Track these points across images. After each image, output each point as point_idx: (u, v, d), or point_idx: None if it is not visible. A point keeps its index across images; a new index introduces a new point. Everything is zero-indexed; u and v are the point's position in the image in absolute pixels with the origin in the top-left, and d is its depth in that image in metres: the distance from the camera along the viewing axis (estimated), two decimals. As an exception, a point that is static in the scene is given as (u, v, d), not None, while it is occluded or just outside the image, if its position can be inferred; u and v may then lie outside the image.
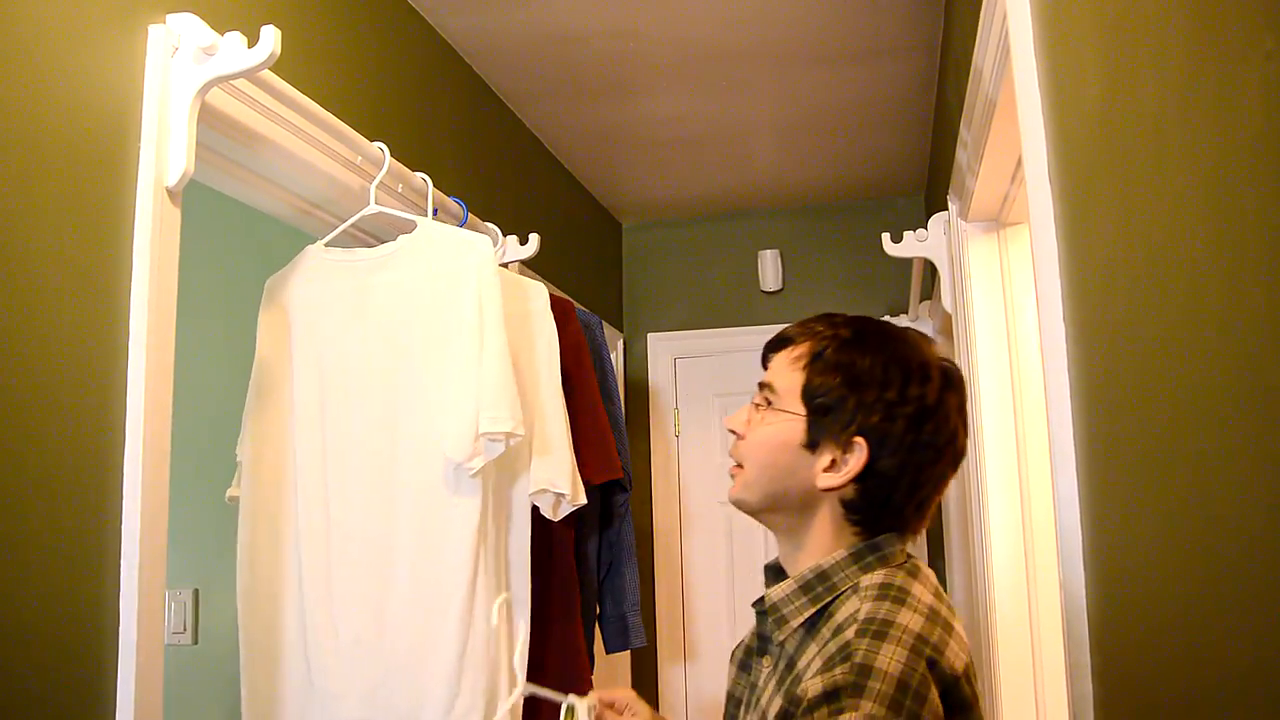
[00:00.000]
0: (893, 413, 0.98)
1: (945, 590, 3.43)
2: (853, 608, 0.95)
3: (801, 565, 1.03)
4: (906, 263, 2.81)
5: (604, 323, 2.45)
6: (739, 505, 1.08)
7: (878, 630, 0.90)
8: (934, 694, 0.87)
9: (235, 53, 1.29)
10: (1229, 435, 0.60)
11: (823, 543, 1.02)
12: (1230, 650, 0.62)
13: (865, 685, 0.85)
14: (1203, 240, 0.63)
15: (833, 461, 1.00)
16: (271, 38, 1.29)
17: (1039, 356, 1.14)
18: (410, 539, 1.57)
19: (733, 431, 1.09)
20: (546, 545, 1.82)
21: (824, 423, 1.00)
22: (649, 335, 3.83)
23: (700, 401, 3.76)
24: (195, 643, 2.30)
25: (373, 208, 1.73)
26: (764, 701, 0.99)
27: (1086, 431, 1.00)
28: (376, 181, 1.74)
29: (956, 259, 2.12)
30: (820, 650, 0.93)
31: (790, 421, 1.02)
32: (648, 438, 3.73)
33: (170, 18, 1.31)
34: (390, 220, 1.79)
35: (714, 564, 3.64)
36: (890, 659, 0.87)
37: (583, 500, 1.72)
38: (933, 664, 0.88)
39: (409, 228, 1.73)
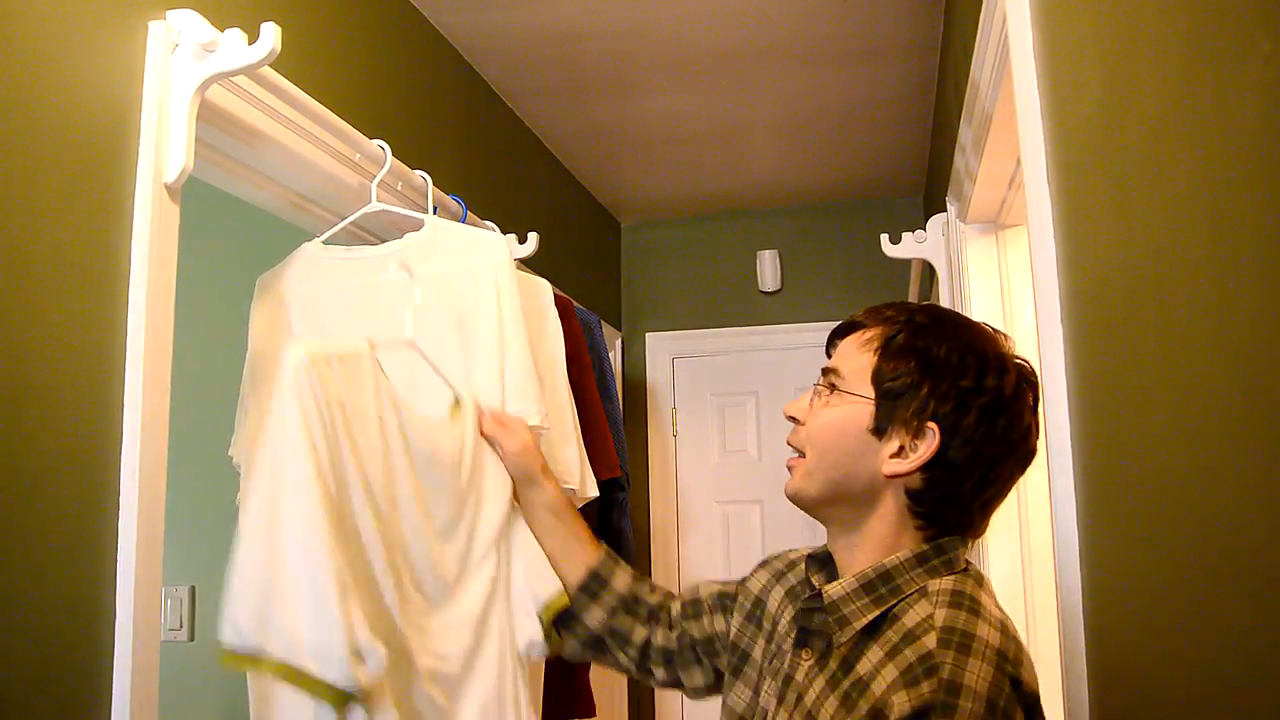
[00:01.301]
0: (967, 402, 0.94)
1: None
2: (924, 612, 0.90)
3: (860, 560, 0.98)
4: (905, 264, 2.82)
5: (602, 322, 2.45)
6: (797, 498, 1.03)
7: (961, 643, 0.86)
8: (1020, 716, 0.84)
9: (235, 49, 1.29)
10: (1226, 438, 0.60)
11: (883, 536, 0.97)
12: (1227, 656, 0.62)
13: (956, 705, 0.81)
14: (1200, 243, 0.63)
15: (901, 448, 0.95)
16: (271, 34, 1.28)
17: (1036, 358, 1.13)
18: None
19: (792, 419, 1.04)
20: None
21: (894, 407, 0.95)
22: (647, 335, 3.83)
23: (698, 401, 3.77)
24: (191, 640, 2.30)
25: (375, 205, 1.73)
26: (809, 701, 0.94)
27: (1083, 433, 1.00)
28: (378, 179, 1.74)
29: (955, 260, 2.12)
30: (890, 656, 0.89)
31: (858, 404, 0.97)
32: (645, 437, 3.74)
33: (170, 14, 1.31)
34: (391, 218, 1.78)
35: (711, 563, 3.64)
36: (978, 676, 0.83)
37: (592, 493, 1.71)
38: (1016, 684, 0.85)
39: (409, 225, 1.72)
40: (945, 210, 2.22)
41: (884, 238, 2.41)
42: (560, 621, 1.33)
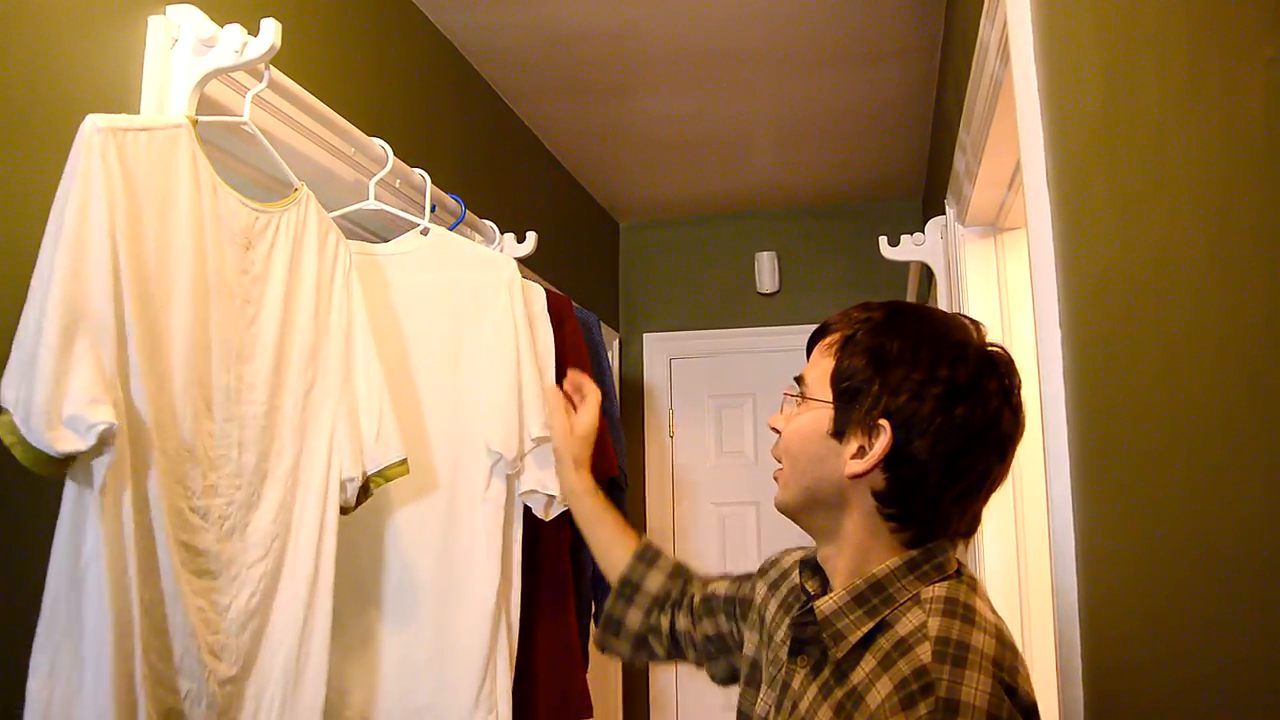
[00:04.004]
0: (920, 392, 0.91)
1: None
2: (917, 620, 0.88)
3: (842, 567, 0.97)
4: (903, 266, 2.82)
5: (600, 322, 2.45)
6: (781, 509, 1.02)
7: (956, 655, 0.83)
8: None
9: (235, 45, 1.29)
10: (1224, 441, 0.60)
11: (859, 540, 0.95)
12: (1222, 657, 0.62)
13: None
14: (1201, 247, 0.63)
15: (860, 448, 0.93)
16: (271, 30, 1.28)
17: (1034, 361, 1.14)
18: (438, 530, 1.58)
19: (775, 430, 1.03)
20: (541, 543, 1.82)
21: (850, 408, 0.94)
22: (645, 335, 3.83)
23: (695, 402, 3.77)
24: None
25: (372, 203, 1.73)
26: (803, 708, 0.93)
27: (1081, 436, 1.00)
28: (377, 178, 1.73)
29: (953, 263, 2.13)
30: (884, 665, 0.87)
31: (819, 409, 0.97)
32: (642, 437, 3.74)
33: (170, 9, 1.31)
34: (390, 218, 1.78)
35: (708, 564, 3.61)
36: (976, 690, 0.80)
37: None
38: (1011, 692, 0.82)
39: (405, 225, 1.73)
40: (944, 213, 2.22)
41: (882, 240, 2.41)
42: (606, 627, 1.35)
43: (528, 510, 1.72)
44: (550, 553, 1.88)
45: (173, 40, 1.30)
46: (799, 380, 1.02)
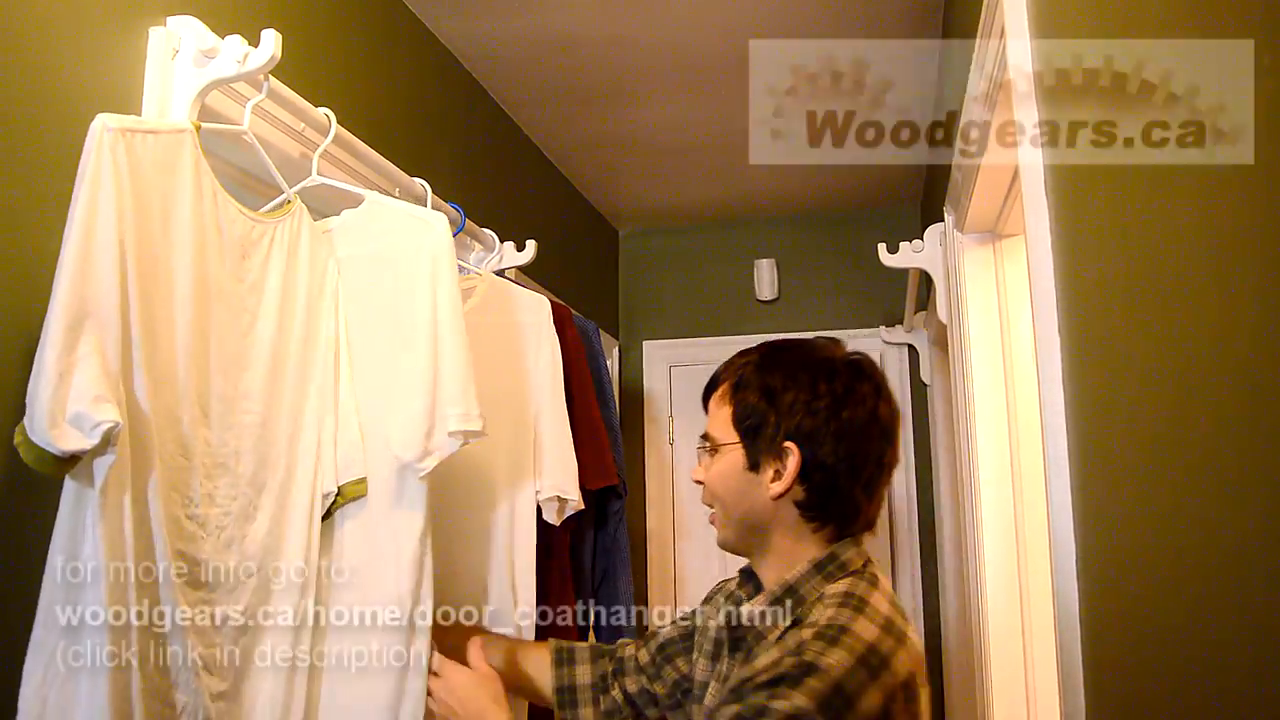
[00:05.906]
0: (811, 408, 1.07)
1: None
2: (820, 615, 1.02)
3: (770, 574, 1.12)
4: (902, 273, 2.82)
5: (600, 329, 2.45)
6: (724, 546, 1.18)
7: (832, 636, 0.97)
8: (868, 701, 0.93)
9: (236, 56, 1.30)
10: (1222, 445, 0.61)
11: (784, 547, 1.10)
12: (1223, 661, 0.62)
13: (803, 680, 0.92)
14: (1199, 253, 0.64)
15: (776, 472, 1.08)
16: (272, 41, 1.29)
17: (1034, 367, 1.14)
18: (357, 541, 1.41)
19: (698, 482, 1.18)
20: (544, 549, 1.82)
21: (757, 441, 1.09)
22: (645, 343, 3.83)
23: (695, 409, 3.72)
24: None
25: (315, 179, 1.50)
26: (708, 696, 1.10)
27: (1080, 441, 1.00)
28: (320, 150, 1.56)
29: (952, 270, 2.13)
30: (779, 645, 1.02)
31: (731, 452, 1.12)
32: (642, 444, 3.73)
33: (171, 20, 1.31)
34: (344, 198, 1.56)
35: (707, 570, 3.63)
36: (835, 662, 0.94)
37: (581, 505, 1.74)
38: (875, 673, 0.95)
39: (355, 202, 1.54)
40: (943, 220, 2.22)
41: (881, 247, 2.42)
42: None
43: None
44: (554, 558, 1.88)
45: (173, 51, 1.31)
46: (705, 436, 1.19)
